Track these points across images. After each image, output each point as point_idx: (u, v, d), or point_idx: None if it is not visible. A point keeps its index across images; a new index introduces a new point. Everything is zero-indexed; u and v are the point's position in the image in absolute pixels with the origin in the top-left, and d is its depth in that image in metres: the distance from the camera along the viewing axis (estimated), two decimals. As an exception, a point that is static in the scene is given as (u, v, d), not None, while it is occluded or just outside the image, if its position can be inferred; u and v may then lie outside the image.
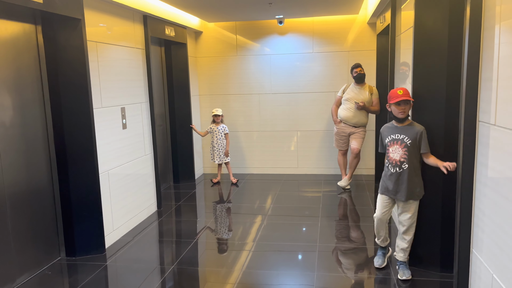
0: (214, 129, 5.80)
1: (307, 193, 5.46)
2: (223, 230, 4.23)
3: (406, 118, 2.89)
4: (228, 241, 3.91)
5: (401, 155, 2.84)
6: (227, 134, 5.83)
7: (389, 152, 2.90)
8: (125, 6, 3.92)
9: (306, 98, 6.18)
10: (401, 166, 2.85)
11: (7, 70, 2.98)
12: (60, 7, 3.05)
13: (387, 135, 2.94)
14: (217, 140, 5.79)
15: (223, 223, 4.43)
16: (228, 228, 4.27)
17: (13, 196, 3.02)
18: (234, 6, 4.87)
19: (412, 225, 2.97)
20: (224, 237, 4.03)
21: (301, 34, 6.08)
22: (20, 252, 3.08)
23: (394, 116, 2.91)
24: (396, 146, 2.85)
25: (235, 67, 6.28)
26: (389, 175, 2.92)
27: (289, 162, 6.38)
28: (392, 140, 2.88)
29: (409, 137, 2.83)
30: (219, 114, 5.75)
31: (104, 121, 3.68)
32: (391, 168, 2.90)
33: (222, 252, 3.67)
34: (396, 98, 2.84)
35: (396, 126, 2.91)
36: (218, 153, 5.81)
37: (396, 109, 2.86)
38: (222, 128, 5.78)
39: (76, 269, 3.31)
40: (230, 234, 4.08)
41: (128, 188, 4.14)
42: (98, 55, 3.61)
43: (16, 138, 3.06)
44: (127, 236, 3.99)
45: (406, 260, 3.05)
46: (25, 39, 3.16)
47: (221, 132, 5.77)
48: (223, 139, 5.79)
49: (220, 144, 5.79)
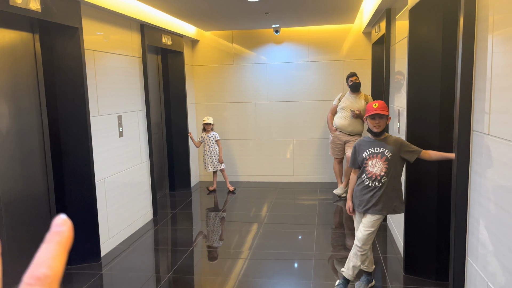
0: (205, 137, 5.82)
1: (303, 201, 5.47)
2: (219, 238, 4.22)
3: (382, 133, 2.81)
4: (224, 249, 3.90)
5: (381, 169, 2.74)
6: (219, 141, 5.85)
7: (368, 166, 2.78)
8: (122, 15, 3.95)
9: (302, 106, 6.21)
10: (380, 180, 2.75)
11: (4, 78, 2.98)
12: (58, 16, 3.06)
13: (364, 149, 2.81)
14: (209, 148, 5.80)
15: (219, 232, 4.42)
16: (224, 237, 4.26)
17: (9, 203, 3.01)
18: (230, 15, 4.91)
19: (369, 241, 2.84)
20: (220, 245, 4.02)
21: (297, 43, 6.13)
22: (15, 261, 3.06)
23: (370, 130, 2.83)
24: (376, 159, 2.75)
25: (232, 75, 6.32)
26: (367, 190, 2.79)
27: (285, 170, 6.39)
28: (371, 153, 2.78)
29: (389, 150, 2.75)
30: (211, 123, 5.78)
31: (100, 129, 3.68)
32: (369, 183, 2.78)
33: (218, 260, 3.66)
34: (370, 111, 2.77)
35: (373, 140, 2.82)
36: (211, 160, 5.81)
37: (371, 123, 2.78)
38: (213, 135, 5.81)
39: (71, 278, 3.29)
40: (226, 243, 4.07)
41: (124, 196, 4.13)
42: (95, 64, 3.63)
43: (13, 145, 3.06)
44: (123, 245, 3.97)
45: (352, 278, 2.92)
46: (23, 47, 3.17)
47: (212, 140, 5.79)
48: (215, 146, 5.81)
49: (213, 151, 5.80)
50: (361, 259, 2.84)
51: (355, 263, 2.85)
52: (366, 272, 3.00)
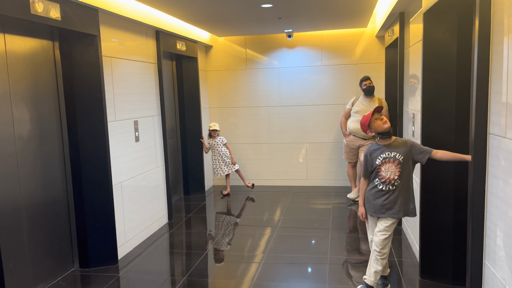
0: (212, 143, 5.87)
1: (316, 205, 5.47)
2: (233, 242, 4.24)
3: (390, 136, 2.81)
4: (238, 253, 3.92)
5: (394, 173, 2.74)
6: (227, 144, 5.91)
7: (381, 171, 2.77)
8: (138, 22, 4.02)
9: (315, 110, 6.22)
10: (394, 184, 2.75)
11: (25, 84, 3.07)
12: (77, 24, 3.14)
13: (377, 156, 2.80)
14: (219, 152, 5.85)
15: (233, 235, 4.45)
16: (238, 240, 4.28)
17: (30, 207, 3.08)
18: (243, 21, 4.96)
19: (388, 245, 2.85)
20: (234, 249, 4.04)
21: (310, 47, 6.15)
22: (36, 263, 3.13)
23: (379, 134, 2.80)
24: (389, 164, 2.75)
25: (245, 80, 6.36)
26: (381, 194, 2.79)
27: (298, 174, 6.40)
28: (384, 159, 2.77)
29: (400, 153, 2.75)
30: (218, 129, 5.85)
31: (117, 134, 3.75)
32: (382, 187, 2.78)
33: (232, 264, 3.68)
34: (368, 117, 2.78)
35: (383, 145, 2.80)
36: (224, 163, 5.86)
37: (378, 125, 2.77)
38: (220, 139, 5.88)
39: (89, 281, 3.35)
40: (240, 246, 4.09)
41: (140, 200, 4.19)
42: (112, 70, 3.70)
43: (33, 150, 3.14)
44: (139, 248, 4.02)
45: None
46: (43, 54, 3.25)
47: (220, 144, 5.85)
48: (225, 149, 5.86)
49: (223, 154, 5.85)
50: (382, 263, 2.83)
51: (376, 268, 2.84)
52: (382, 276, 3.00)
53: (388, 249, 2.84)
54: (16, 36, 2.98)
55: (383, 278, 3.01)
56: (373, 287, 2.88)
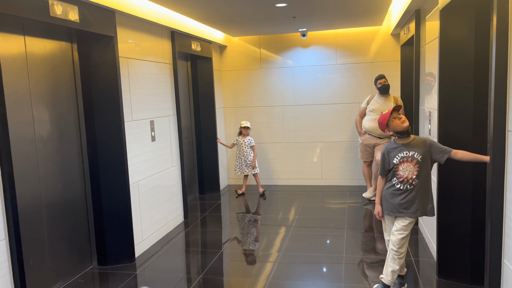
0: (240, 141, 5.88)
1: (331, 204, 5.45)
2: (248, 240, 4.26)
3: (409, 135, 2.78)
4: (253, 251, 3.94)
5: (412, 172, 2.71)
6: (254, 146, 5.91)
7: (399, 170, 2.75)
8: (154, 23, 4.07)
9: (330, 109, 6.20)
10: (411, 183, 2.73)
11: (45, 86, 3.14)
12: (95, 26, 3.20)
13: (394, 155, 2.78)
14: (243, 152, 5.86)
15: (248, 234, 4.46)
16: (253, 239, 4.30)
17: (49, 206, 3.15)
18: (258, 20, 4.97)
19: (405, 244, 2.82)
20: (249, 247, 4.06)
21: (324, 46, 6.13)
22: (55, 260, 3.20)
23: (397, 133, 2.78)
24: (407, 163, 2.72)
25: (259, 79, 6.38)
26: (398, 193, 2.77)
27: (313, 173, 6.38)
28: (401, 158, 2.74)
29: (418, 153, 2.72)
30: (249, 127, 5.83)
31: (134, 133, 3.81)
32: (400, 186, 2.76)
33: (248, 262, 3.70)
34: (387, 116, 2.75)
35: (401, 144, 2.78)
36: (246, 164, 5.87)
37: (396, 124, 2.74)
38: (248, 140, 5.86)
39: (108, 278, 3.41)
40: (255, 245, 4.11)
41: (157, 199, 4.24)
42: (128, 71, 3.76)
43: (53, 150, 3.21)
44: (156, 246, 4.07)
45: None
46: (62, 56, 3.32)
47: (247, 145, 5.85)
48: (250, 151, 5.86)
49: (247, 156, 5.86)
50: (399, 263, 2.81)
51: (393, 267, 2.82)
52: (399, 275, 2.97)
53: (406, 249, 2.82)
54: (36, 38, 3.05)
55: (400, 278, 2.98)
56: (390, 287, 2.86)
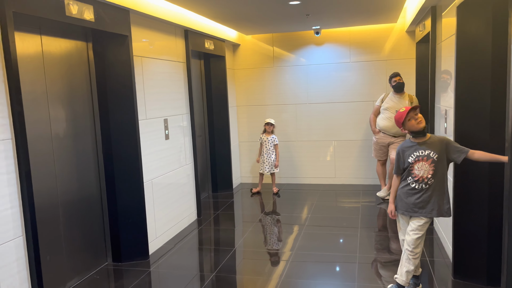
0: (264, 139, 5.87)
1: (345, 203, 5.41)
2: (261, 239, 4.26)
3: (425, 133, 2.74)
4: (266, 250, 3.94)
5: (428, 171, 2.67)
6: (277, 145, 5.88)
7: (414, 169, 2.72)
8: (168, 22, 4.09)
9: (343, 107, 6.16)
10: (427, 183, 2.69)
11: (61, 84, 3.18)
12: (110, 25, 3.23)
13: (409, 153, 2.74)
14: (267, 150, 5.84)
15: (261, 232, 4.47)
16: (266, 237, 4.30)
17: (65, 203, 3.20)
18: (271, 18, 4.96)
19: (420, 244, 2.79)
20: (261, 246, 4.06)
21: (338, 44, 6.09)
22: (71, 257, 3.25)
23: (413, 132, 2.75)
24: (422, 162, 2.69)
25: (272, 78, 6.37)
26: (413, 192, 2.74)
27: (326, 172, 6.35)
28: (417, 157, 2.71)
29: (434, 152, 2.68)
30: (273, 123, 5.82)
31: (148, 132, 3.84)
32: (415, 185, 2.73)
33: (260, 261, 3.70)
34: (403, 115, 2.71)
35: (417, 143, 2.74)
36: (268, 163, 5.85)
37: (412, 124, 2.71)
38: (272, 138, 5.84)
39: (122, 274, 3.45)
40: (268, 243, 4.11)
41: (170, 197, 4.27)
42: (142, 69, 3.78)
43: (69, 148, 3.25)
44: (169, 244, 4.10)
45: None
46: (77, 55, 3.36)
47: (271, 143, 5.83)
48: (273, 149, 5.84)
49: (270, 154, 5.83)
50: (414, 263, 2.78)
51: (408, 267, 2.79)
52: (414, 275, 2.94)
53: (421, 249, 2.79)
54: (52, 38, 3.09)
55: (414, 278, 2.95)
56: (404, 287, 2.83)
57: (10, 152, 2.40)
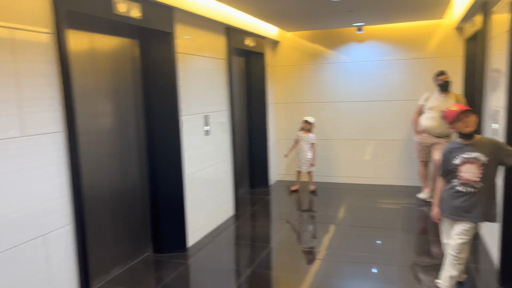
0: (301, 136, 5.83)
1: (384, 204, 5.30)
2: (297, 237, 4.25)
3: (473, 134, 2.63)
4: (301, 248, 3.93)
5: (475, 174, 2.57)
6: (314, 144, 5.83)
7: (460, 172, 2.62)
8: (210, 19, 4.15)
9: (384, 106, 6.02)
10: (474, 186, 2.59)
11: (109, 80, 3.30)
12: (155, 22, 3.32)
13: (455, 155, 2.65)
14: (304, 148, 5.80)
15: (296, 230, 4.46)
16: (302, 235, 4.28)
17: (111, 194, 3.32)
18: (313, 15, 4.92)
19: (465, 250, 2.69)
20: (297, 243, 4.05)
21: (380, 40, 5.95)
22: (115, 246, 3.38)
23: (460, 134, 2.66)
24: (470, 165, 2.58)
25: (311, 75, 6.31)
26: (459, 195, 2.64)
27: (365, 171, 6.23)
28: (464, 159, 2.61)
29: (483, 154, 2.57)
30: (311, 122, 5.77)
31: (189, 127, 3.91)
32: (461, 188, 2.63)
33: (296, 258, 3.69)
34: (454, 114, 2.62)
35: (464, 144, 2.64)
36: (305, 161, 5.81)
37: (460, 126, 2.62)
38: (310, 137, 5.79)
39: (161, 265, 3.55)
40: (304, 241, 4.09)
41: (209, 192, 4.34)
42: (185, 66, 3.86)
43: (115, 142, 3.37)
44: (207, 238, 4.17)
45: None
46: (124, 52, 3.48)
47: (308, 141, 5.77)
48: (310, 148, 5.78)
49: (305, 152, 5.78)
50: (458, 268, 2.68)
51: (451, 273, 2.70)
52: (457, 281, 2.84)
53: (466, 255, 2.69)
54: (101, 35, 3.21)
55: (458, 284, 2.85)
56: None
57: (61, 144, 2.52)
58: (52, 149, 2.47)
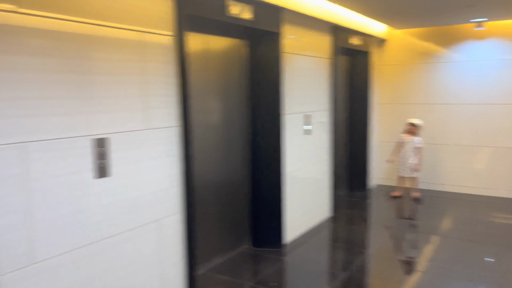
0: (405, 139, 5.52)
1: (497, 218, 4.80)
2: (396, 244, 4.07)
3: None
4: (400, 257, 3.75)
5: None
6: (421, 148, 5.49)
7: None
8: (316, 18, 4.14)
9: (502, 110, 5.43)
10: None
11: (219, 80, 3.50)
12: (264, 23, 3.42)
13: None
14: (407, 152, 5.49)
15: (396, 238, 4.26)
16: (402, 244, 4.08)
17: (216, 187, 3.53)
18: (427, 11, 4.62)
19: None
20: (396, 252, 3.87)
21: (503, 38, 5.36)
22: (218, 237, 3.58)
23: None
24: None
25: (420, 75, 5.94)
26: None
27: (476, 181, 5.70)
28: None
29: None
30: (418, 124, 5.46)
31: (290, 126, 3.96)
32: None
33: (394, 267, 3.54)
34: None
35: None
36: (405, 165, 5.51)
37: None
38: (416, 140, 5.47)
39: (258, 259, 3.66)
40: (403, 250, 3.90)
41: (306, 191, 4.35)
42: (289, 65, 3.91)
43: (222, 137, 3.57)
44: (303, 237, 4.19)
45: None
46: (234, 52, 3.64)
47: (414, 145, 5.44)
48: (414, 152, 5.45)
49: (408, 157, 5.47)
50: None
51: None
52: None
53: None
54: (215, 36, 3.41)
55: None
56: None
57: (176, 138, 2.74)
58: (168, 142, 2.69)
